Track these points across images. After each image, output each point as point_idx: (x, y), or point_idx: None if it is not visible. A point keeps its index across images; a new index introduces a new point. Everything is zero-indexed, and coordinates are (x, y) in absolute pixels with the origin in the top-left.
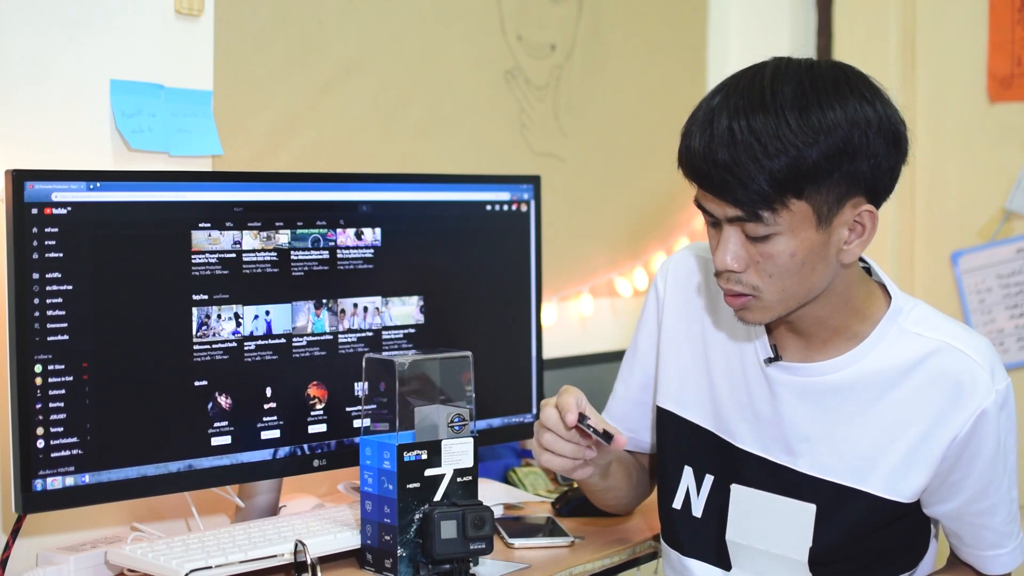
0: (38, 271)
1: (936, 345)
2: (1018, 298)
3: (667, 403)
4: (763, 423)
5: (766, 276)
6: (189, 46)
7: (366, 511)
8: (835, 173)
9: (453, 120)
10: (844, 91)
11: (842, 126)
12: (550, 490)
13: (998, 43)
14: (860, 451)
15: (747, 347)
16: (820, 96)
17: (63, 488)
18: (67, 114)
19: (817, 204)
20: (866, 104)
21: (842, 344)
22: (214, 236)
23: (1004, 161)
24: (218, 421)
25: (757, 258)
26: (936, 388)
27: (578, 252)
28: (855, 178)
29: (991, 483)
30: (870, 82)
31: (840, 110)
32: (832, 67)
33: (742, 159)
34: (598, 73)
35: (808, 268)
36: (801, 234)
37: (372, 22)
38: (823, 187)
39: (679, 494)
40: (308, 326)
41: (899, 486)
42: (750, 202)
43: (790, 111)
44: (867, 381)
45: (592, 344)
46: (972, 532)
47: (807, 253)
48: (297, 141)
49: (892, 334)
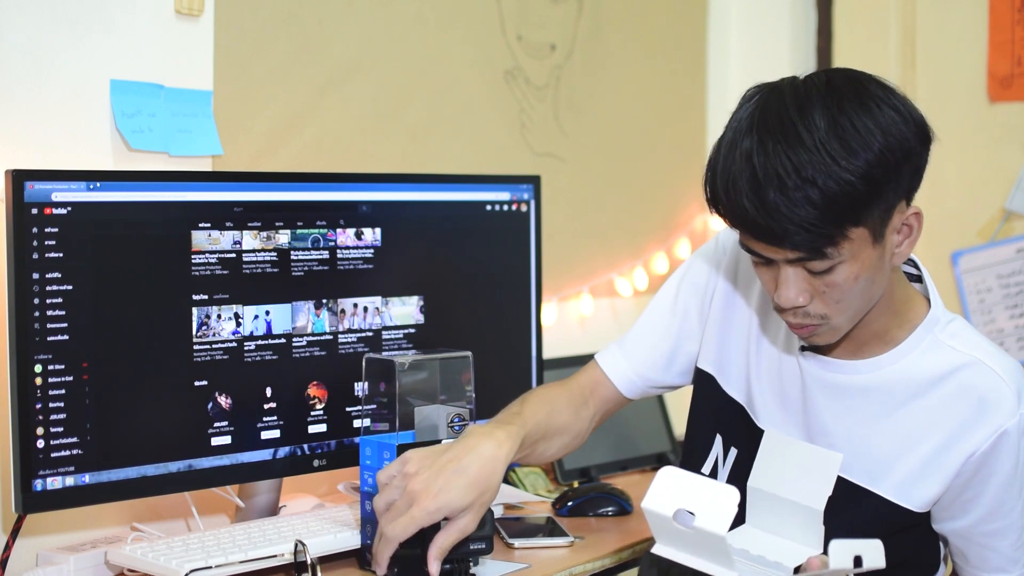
0: (38, 271)
1: (967, 359)
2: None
3: (708, 366)
4: (789, 410)
5: (833, 303)
6: (189, 46)
7: (366, 511)
8: (884, 188)
9: (453, 120)
10: (868, 102)
11: (880, 140)
12: (550, 490)
13: (998, 43)
14: (877, 454)
15: (790, 333)
16: (851, 117)
17: (63, 488)
18: (67, 114)
19: (872, 224)
20: (888, 108)
21: (878, 347)
22: (214, 236)
23: (1004, 161)
24: (218, 421)
25: (822, 288)
26: (961, 402)
27: (578, 252)
28: (900, 185)
29: (1003, 504)
30: (881, 82)
31: (872, 123)
32: (845, 79)
33: (800, 206)
34: (598, 73)
35: (869, 283)
36: (861, 256)
37: (372, 22)
38: (875, 206)
39: (709, 460)
40: (308, 326)
41: (911, 493)
42: (814, 244)
43: (831, 143)
44: (894, 386)
45: (592, 344)
46: (978, 553)
47: (868, 271)
48: (297, 141)
49: (926, 343)
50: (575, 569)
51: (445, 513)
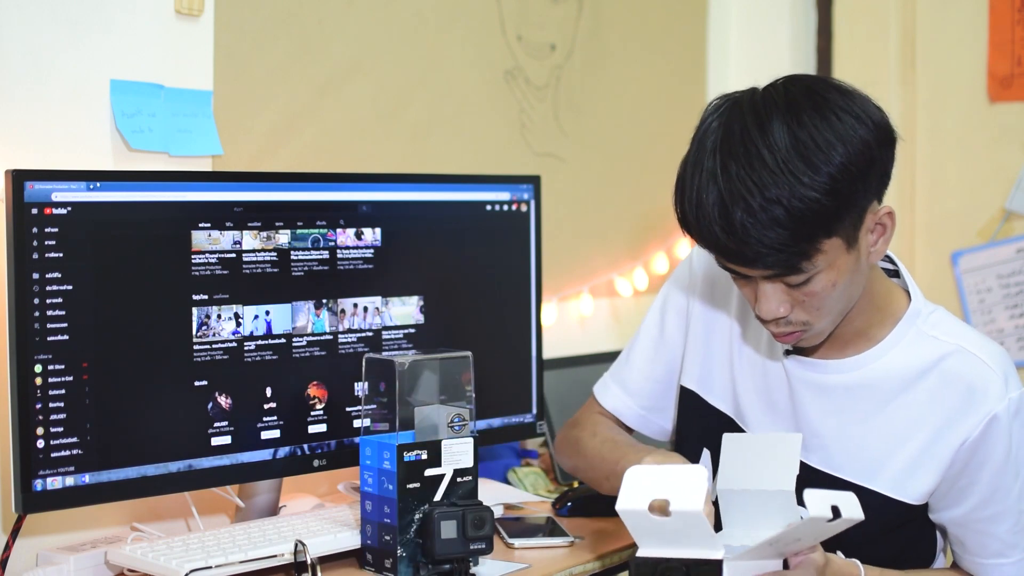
0: (38, 271)
1: (951, 348)
2: (1018, 298)
3: (691, 383)
4: (778, 415)
5: (814, 311)
6: (189, 46)
7: (366, 511)
8: (852, 198)
9: (453, 120)
10: (827, 113)
11: (841, 152)
12: (550, 490)
13: (998, 43)
14: (871, 450)
15: (771, 338)
16: (811, 131)
17: (63, 488)
18: (67, 114)
19: (844, 232)
20: (848, 116)
21: (862, 344)
22: (214, 236)
23: (1004, 161)
24: (218, 421)
25: (802, 298)
26: (948, 391)
27: (578, 252)
28: (868, 189)
29: (999, 490)
30: (841, 87)
31: (833, 135)
32: (804, 90)
33: (769, 228)
34: (598, 73)
35: (848, 286)
36: (837, 263)
37: (372, 22)
38: (845, 216)
39: None
40: (308, 326)
41: (907, 486)
42: (788, 263)
43: (793, 162)
44: (882, 382)
45: (592, 344)
46: (976, 539)
47: (846, 276)
48: (297, 141)
49: (909, 336)
50: (575, 569)
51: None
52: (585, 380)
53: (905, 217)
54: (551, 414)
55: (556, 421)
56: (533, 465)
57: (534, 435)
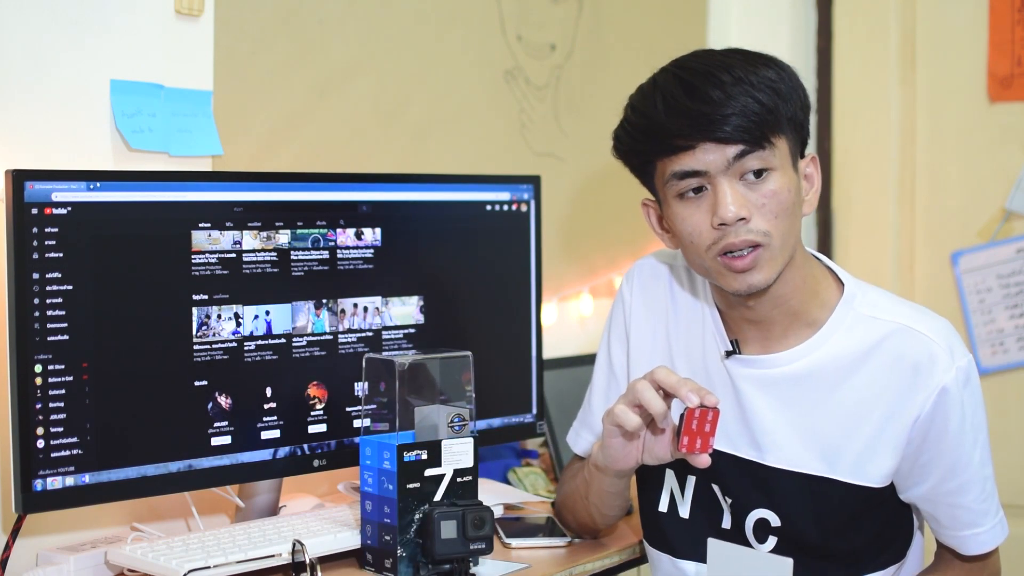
0: (38, 271)
1: (892, 327)
2: (1018, 298)
3: None
4: (728, 419)
5: (772, 217)
6: (189, 46)
7: (366, 511)
8: (787, 107)
9: (453, 120)
10: (764, 59)
11: (779, 67)
12: (550, 490)
13: (998, 43)
14: (826, 439)
15: (709, 344)
16: (755, 62)
17: (63, 488)
18: (67, 114)
19: (791, 144)
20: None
21: (800, 332)
22: (214, 236)
23: (1004, 161)
24: (218, 421)
25: (761, 201)
26: (895, 370)
27: (578, 252)
28: (797, 124)
29: (959, 460)
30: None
31: (771, 68)
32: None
33: (738, 98)
34: (598, 73)
35: (796, 208)
36: (788, 172)
37: (372, 22)
38: (787, 128)
39: (663, 497)
40: (308, 326)
41: (867, 470)
42: (758, 131)
43: (745, 68)
44: (826, 369)
45: (592, 344)
46: (947, 512)
47: (795, 192)
48: (297, 141)
49: (849, 320)
50: (575, 569)
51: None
52: (585, 380)
53: (905, 217)
54: (551, 414)
55: (556, 421)
56: (533, 465)
57: (534, 435)
